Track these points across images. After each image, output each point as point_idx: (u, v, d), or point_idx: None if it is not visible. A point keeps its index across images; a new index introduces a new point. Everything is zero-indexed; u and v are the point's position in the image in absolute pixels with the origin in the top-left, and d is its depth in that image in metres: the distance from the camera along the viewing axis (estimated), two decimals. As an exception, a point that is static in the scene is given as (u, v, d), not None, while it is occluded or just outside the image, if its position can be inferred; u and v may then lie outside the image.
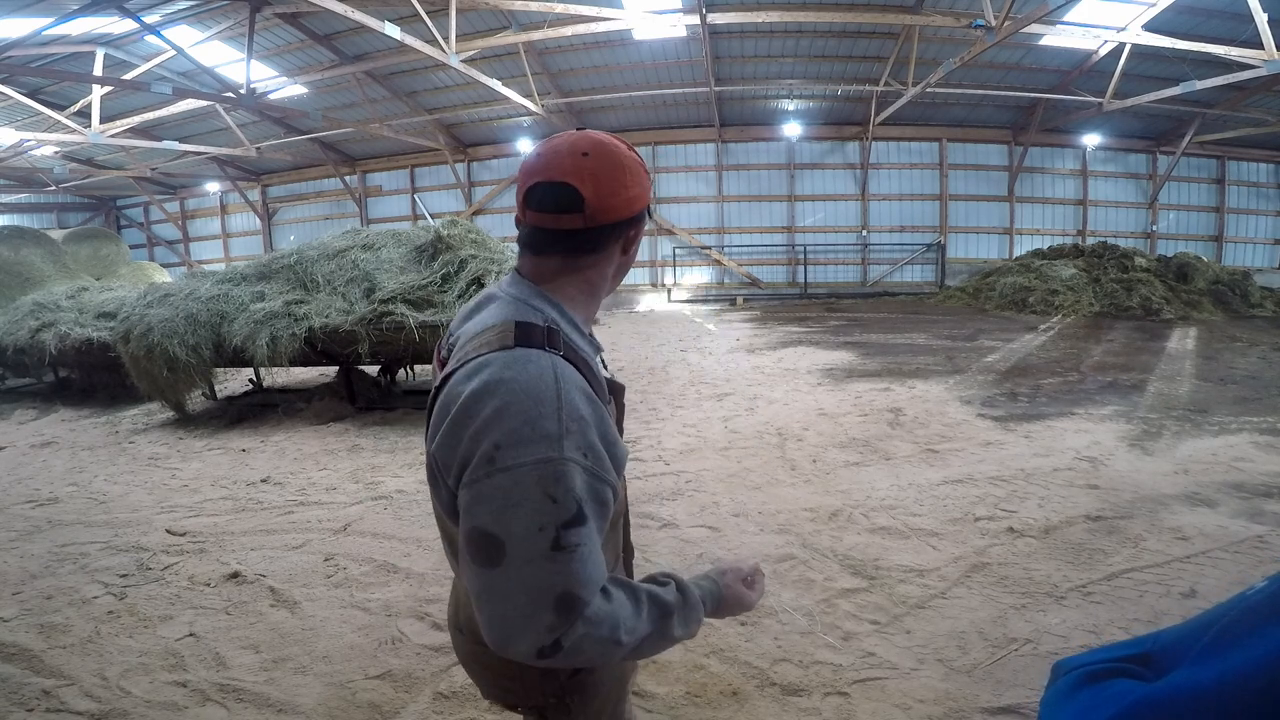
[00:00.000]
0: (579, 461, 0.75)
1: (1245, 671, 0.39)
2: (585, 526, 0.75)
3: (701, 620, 0.91)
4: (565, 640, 0.75)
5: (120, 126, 13.57)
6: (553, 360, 0.79)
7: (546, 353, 0.80)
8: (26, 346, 7.06)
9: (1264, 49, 8.93)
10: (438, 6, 9.91)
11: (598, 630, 0.76)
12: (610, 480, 0.79)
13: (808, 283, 16.29)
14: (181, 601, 2.75)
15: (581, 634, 0.75)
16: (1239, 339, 8.62)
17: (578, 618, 0.75)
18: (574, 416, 0.76)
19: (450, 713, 2.01)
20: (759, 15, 10.77)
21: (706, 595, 0.93)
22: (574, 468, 0.74)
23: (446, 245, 5.85)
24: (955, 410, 5.30)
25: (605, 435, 0.80)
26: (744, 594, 0.99)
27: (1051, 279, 12.21)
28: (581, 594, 0.74)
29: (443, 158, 17.09)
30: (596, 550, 0.76)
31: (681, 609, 0.87)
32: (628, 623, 0.79)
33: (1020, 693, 1.98)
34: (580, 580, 0.74)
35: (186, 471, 4.62)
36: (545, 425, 0.74)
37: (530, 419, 0.74)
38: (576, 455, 0.75)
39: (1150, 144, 16.00)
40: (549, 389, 0.76)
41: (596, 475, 0.77)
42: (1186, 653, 0.46)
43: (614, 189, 0.86)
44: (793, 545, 3.02)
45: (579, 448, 0.75)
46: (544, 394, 0.76)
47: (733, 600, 0.97)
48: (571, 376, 0.79)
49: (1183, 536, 2.97)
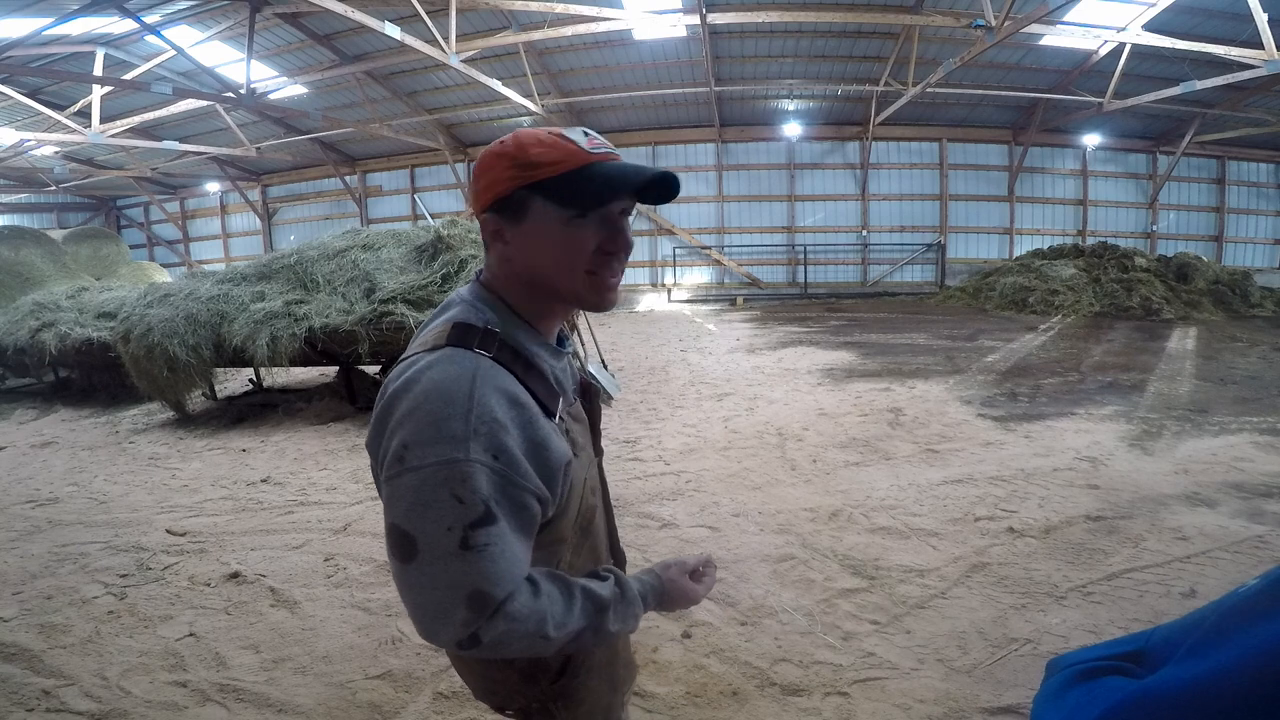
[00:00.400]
0: (486, 463, 0.75)
1: (1232, 667, 0.39)
2: (495, 526, 0.75)
3: (640, 615, 0.91)
4: (483, 635, 0.76)
5: (120, 126, 13.57)
6: (477, 361, 0.79)
7: (474, 354, 0.80)
8: (26, 346, 7.06)
9: (1264, 49, 8.93)
10: (438, 6, 9.91)
11: (521, 625, 0.77)
12: (529, 487, 0.78)
13: (808, 283, 16.30)
14: (181, 601, 2.75)
15: (503, 629, 0.76)
16: (1239, 339, 8.62)
17: (494, 614, 0.76)
18: (485, 419, 0.75)
19: (450, 713, 2.01)
20: (759, 15, 10.77)
21: (647, 590, 0.94)
22: (480, 469, 0.74)
23: (447, 245, 5.86)
24: (955, 410, 5.31)
25: (531, 439, 0.79)
26: (688, 587, 0.98)
27: (1051, 279, 12.21)
28: (493, 591, 0.75)
29: (443, 158, 17.10)
30: (511, 549, 0.77)
31: (618, 604, 0.88)
32: (557, 618, 0.80)
33: (1020, 693, 1.98)
34: (491, 578, 0.75)
35: (186, 471, 4.62)
36: (452, 426, 0.74)
37: (437, 419, 0.75)
38: (483, 457, 0.75)
39: (1150, 144, 16.00)
40: (462, 390, 0.76)
41: (509, 479, 0.76)
42: (1177, 650, 0.46)
43: (474, 184, 0.87)
44: (793, 545, 3.02)
45: (487, 450, 0.75)
46: (456, 395, 0.76)
47: (676, 594, 0.97)
48: (494, 379, 0.78)
49: (1183, 536, 2.97)
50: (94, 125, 12.18)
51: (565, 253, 0.84)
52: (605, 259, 0.86)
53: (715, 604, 2.56)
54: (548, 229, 0.83)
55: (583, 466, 0.92)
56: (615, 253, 0.86)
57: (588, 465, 0.95)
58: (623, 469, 4.16)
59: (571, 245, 0.84)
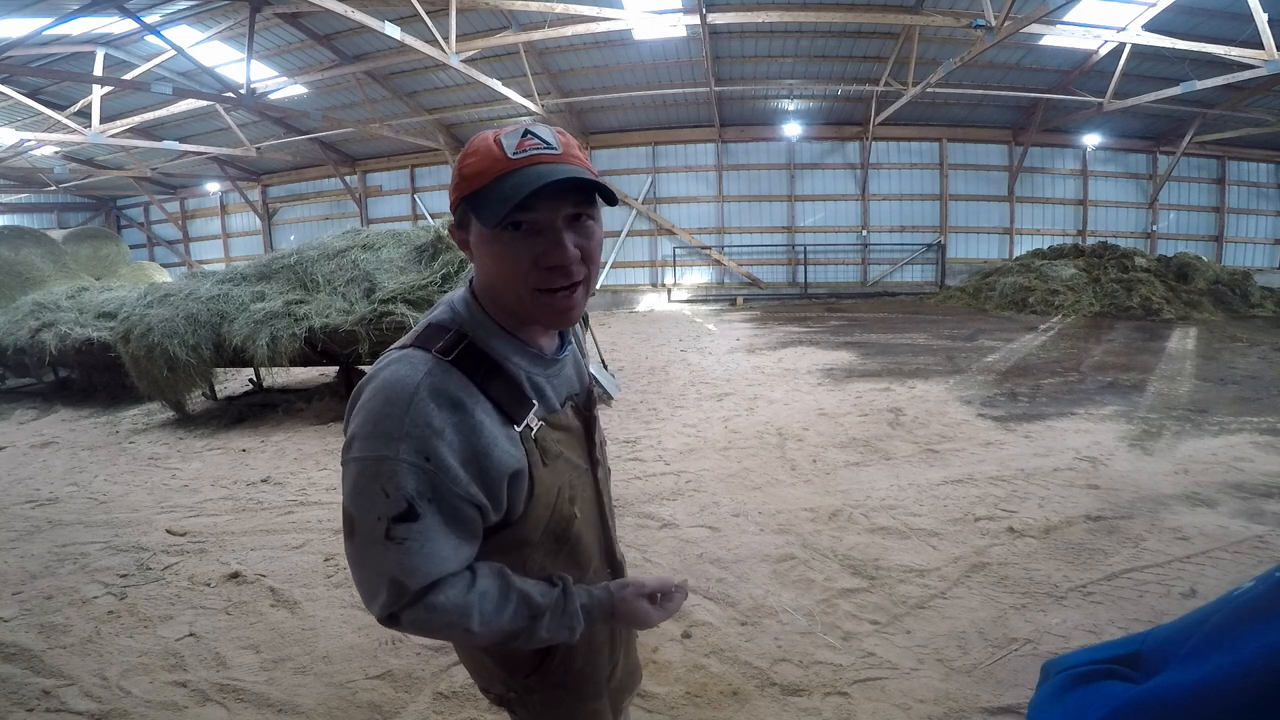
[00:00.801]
0: (415, 463, 0.77)
1: (1231, 671, 0.39)
2: (417, 524, 0.78)
3: (578, 629, 0.92)
4: (402, 617, 0.82)
5: (120, 126, 13.56)
6: (430, 365, 0.81)
7: (431, 356, 0.82)
8: (26, 346, 7.06)
9: (1264, 49, 8.92)
10: (438, 6, 9.91)
11: (442, 617, 0.82)
12: (459, 491, 0.79)
13: (808, 283, 16.29)
14: (181, 601, 2.75)
15: (422, 617, 0.82)
16: (1239, 339, 8.62)
17: (412, 602, 0.81)
18: (418, 423, 0.78)
19: (450, 713, 2.01)
20: (759, 15, 10.76)
21: (595, 604, 0.94)
22: (407, 468, 0.77)
23: (447, 245, 5.86)
24: (955, 410, 5.30)
25: (472, 447, 0.80)
26: (641, 610, 0.96)
27: (1051, 279, 12.20)
28: (407, 582, 0.80)
29: (443, 158, 17.09)
30: (433, 545, 0.80)
31: (555, 613, 0.89)
32: (485, 615, 0.84)
33: (1020, 693, 1.98)
34: (407, 570, 0.79)
35: (186, 471, 4.62)
36: (387, 425, 0.78)
37: (378, 418, 0.79)
38: (412, 457, 0.77)
39: (1150, 144, 15.99)
40: (405, 393, 0.79)
41: (437, 481, 0.78)
42: (1175, 653, 0.46)
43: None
44: (793, 545, 3.02)
45: (418, 451, 0.77)
46: (399, 397, 0.79)
47: (626, 614, 0.96)
48: (442, 384, 0.80)
49: (1183, 536, 2.97)
50: (94, 125, 12.17)
51: (501, 266, 0.82)
52: (548, 274, 0.81)
53: (715, 604, 2.56)
54: (482, 243, 0.83)
55: (557, 475, 0.91)
56: (556, 266, 0.81)
57: (567, 474, 0.94)
58: (623, 469, 4.16)
59: (504, 259, 0.82)
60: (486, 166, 0.79)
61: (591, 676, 1.06)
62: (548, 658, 1.00)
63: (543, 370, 0.91)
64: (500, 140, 0.80)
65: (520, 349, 0.89)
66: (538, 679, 1.01)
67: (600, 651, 1.07)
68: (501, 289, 0.85)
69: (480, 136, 0.83)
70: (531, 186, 0.76)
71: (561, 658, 1.00)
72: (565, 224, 0.82)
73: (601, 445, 1.08)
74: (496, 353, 0.86)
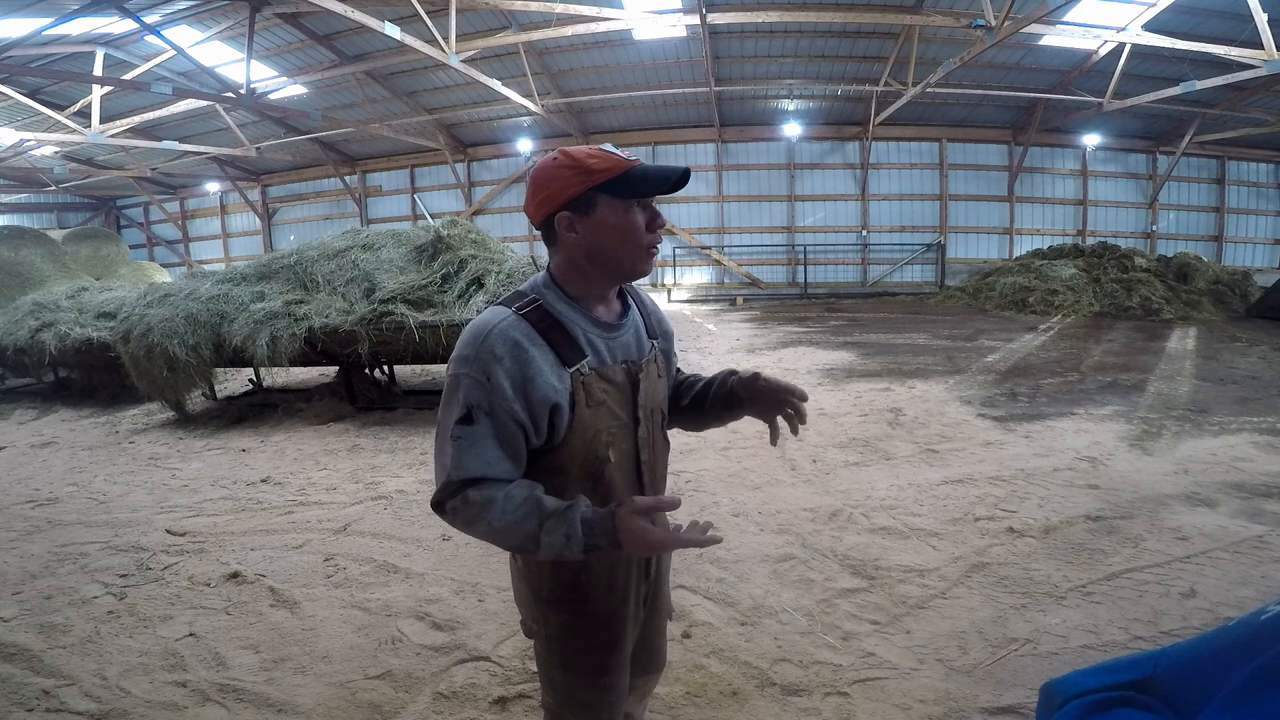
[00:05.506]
0: (477, 379, 1.03)
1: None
2: (471, 427, 1.03)
3: (574, 536, 1.02)
4: (446, 504, 1.05)
5: (120, 126, 13.57)
6: (505, 315, 1.08)
7: (509, 310, 1.09)
8: (26, 346, 7.05)
9: (1264, 49, 8.93)
10: (438, 6, 9.91)
11: (471, 509, 1.03)
12: (506, 406, 1.03)
13: (808, 283, 16.29)
14: (181, 601, 2.75)
15: (458, 506, 1.04)
16: (1239, 339, 8.62)
17: (454, 492, 1.04)
18: (486, 351, 1.04)
19: (450, 713, 2.01)
20: (759, 15, 10.76)
21: (596, 520, 1.03)
22: (471, 383, 1.03)
23: (446, 245, 5.85)
24: (955, 410, 5.30)
25: (523, 373, 1.04)
26: (637, 528, 1.01)
27: (1051, 279, 12.20)
28: (453, 475, 1.03)
29: (443, 158, 17.10)
30: (479, 448, 1.03)
31: (557, 518, 1.02)
32: (504, 512, 1.02)
33: (1020, 693, 1.98)
34: (456, 464, 1.03)
35: (186, 471, 4.62)
36: (465, 351, 1.06)
37: (462, 346, 1.07)
38: (477, 374, 1.03)
39: (1150, 144, 15.99)
40: (483, 330, 1.06)
41: (491, 395, 1.02)
42: (1207, 685, 0.42)
43: (528, 200, 1.14)
44: (793, 545, 3.02)
45: (482, 371, 1.03)
46: (479, 333, 1.06)
47: (627, 534, 1.01)
48: (512, 327, 1.06)
49: (1183, 536, 2.97)
50: (94, 125, 12.18)
51: (629, 231, 1.11)
52: (652, 236, 1.14)
53: (715, 604, 2.56)
54: (613, 216, 1.09)
55: (598, 419, 1.12)
56: (659, 227, 1.14)
57: (606, 420, 1.13)
58: (623, 469, 4.14)
59: (631, 225, 1.11)
60: (612, 165, 1.07)
61: (607, 617, 1.21)
62: (566, 589, 1.18)
63: (600, 333, 1.15)
64: (603, 148, 1.10)
65: (582, 314, 1.14)
66: (553, 608, 1.20)
67: (617, 593, 1.21)
68: (619, 249, 1.11)
69: (574, 149, 1.09)
70: (674, 174, 1.10)
71: (579, 589, 1.18)
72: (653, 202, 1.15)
73: (653, 412, 1.24)
74: (560, 314, 1.12)
